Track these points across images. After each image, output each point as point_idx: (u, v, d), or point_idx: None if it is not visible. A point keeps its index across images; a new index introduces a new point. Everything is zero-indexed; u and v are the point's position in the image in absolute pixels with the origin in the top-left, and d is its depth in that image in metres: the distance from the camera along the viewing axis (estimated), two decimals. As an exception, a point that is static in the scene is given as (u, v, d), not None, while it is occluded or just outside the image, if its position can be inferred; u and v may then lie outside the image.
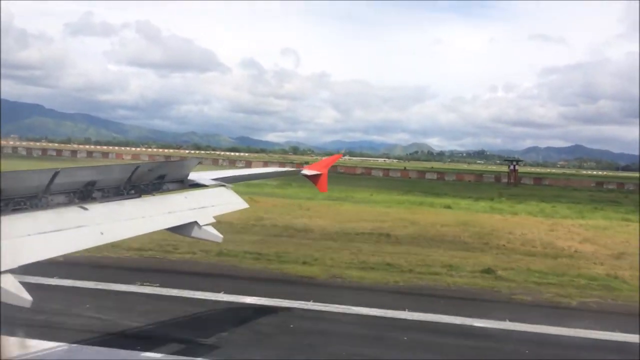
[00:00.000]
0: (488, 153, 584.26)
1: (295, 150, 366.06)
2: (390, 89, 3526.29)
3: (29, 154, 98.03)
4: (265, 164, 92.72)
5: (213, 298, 12.03)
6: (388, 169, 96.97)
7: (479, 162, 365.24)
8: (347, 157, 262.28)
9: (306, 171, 10.25)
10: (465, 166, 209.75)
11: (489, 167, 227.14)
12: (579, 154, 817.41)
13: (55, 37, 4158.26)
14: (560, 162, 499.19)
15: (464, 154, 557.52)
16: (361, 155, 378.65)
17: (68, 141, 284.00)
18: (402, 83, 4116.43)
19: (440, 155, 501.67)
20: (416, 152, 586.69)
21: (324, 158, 12.71)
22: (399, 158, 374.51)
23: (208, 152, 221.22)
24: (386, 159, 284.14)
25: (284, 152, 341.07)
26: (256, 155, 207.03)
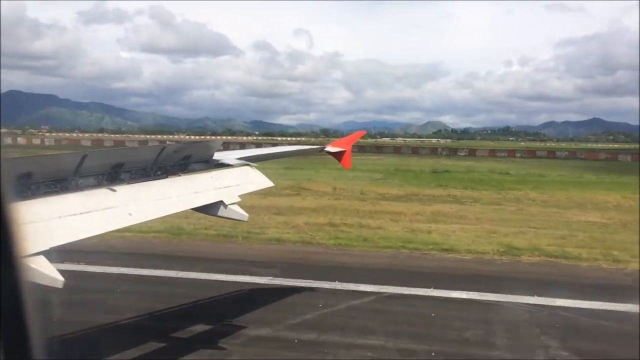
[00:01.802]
0: (513, 129, 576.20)
1: (326, 132, 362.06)
2: (403, 67, 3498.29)
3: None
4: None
5: None
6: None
7: (510, 139, 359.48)
8: (388, 139, 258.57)
9: (330, 148, 10.11)
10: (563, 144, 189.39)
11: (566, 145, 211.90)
12: (596, 127, 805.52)
13: (68, 26, 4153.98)
14: (589, 136, 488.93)
15: (489, 131, 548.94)
16: (393, 135, 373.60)
17: (101, 131, 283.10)
18: (415, 60, 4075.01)
19: (464, 134, 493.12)
20: (440, 130, 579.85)
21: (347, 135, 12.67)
22: (434, 137, 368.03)
23: (248, 137, 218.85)
24: (438, 140, 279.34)
25: (316, 135, 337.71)
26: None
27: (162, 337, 8.61)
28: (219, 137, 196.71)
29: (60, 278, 3.50)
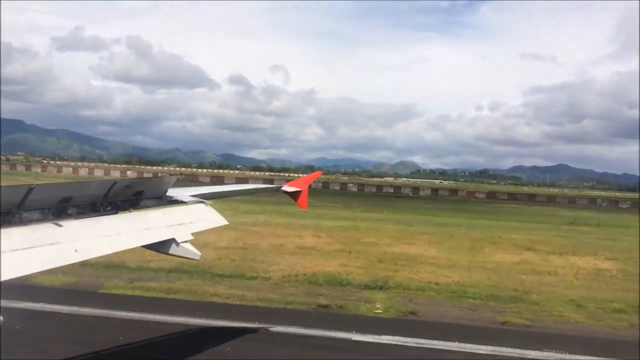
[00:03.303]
0: (491, 172, 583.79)
1: (312, 168, 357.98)
2: (377, 107, 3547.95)
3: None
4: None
5: None
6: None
7: (493, 182, 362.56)
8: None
9: (287, 188, 10.04)
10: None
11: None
12: (563, 173, 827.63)
13: (40, 51, 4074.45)
14: (563, 182, 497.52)
15: (467, 173, 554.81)
16: (384, 174, 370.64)
17: (83, 159, 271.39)
18: (388, 100, 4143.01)
19: (443, 175, 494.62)
20: (418, 170, 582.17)
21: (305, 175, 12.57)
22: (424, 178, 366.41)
23: (234, 170, 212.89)
24: (442, 181, 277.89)
25: (303, 170, 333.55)
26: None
27: None
28: (203, 170, 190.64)
29: None
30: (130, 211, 5.67)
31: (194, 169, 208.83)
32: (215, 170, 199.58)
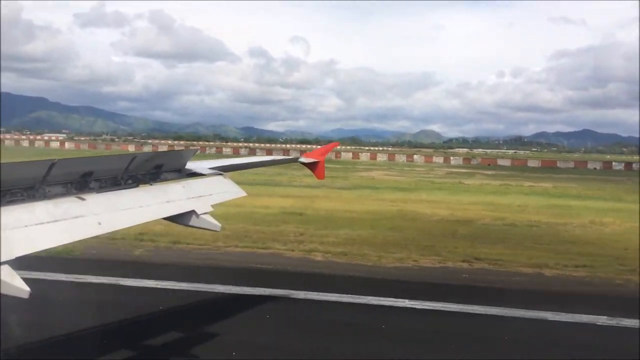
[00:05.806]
0: (525, 140, 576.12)
1: (355, 141, 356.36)
2: (396, 76, 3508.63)
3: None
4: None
5: None
6: None
7: (534, 149, 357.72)
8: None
9: (303, 159, 9.91)
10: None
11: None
12: (588, 138, 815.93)
13: (62, 28, 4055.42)
14: (599, 148, 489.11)
15: (501, 141, 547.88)
16: (418, 144, 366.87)
17: (128, 135, 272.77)
18: (407, 70, 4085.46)
19: (478, 144, 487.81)
20: (451, 139, 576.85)
21: (322, 146, 12.49)
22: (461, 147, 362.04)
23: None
24: (516, 151, 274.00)
25: (342, 141, 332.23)
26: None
27: None
28: (250, 144, 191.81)
29: (26, 288, 3.46)
30: (151, 184, 5.82)
31: (246, 143, 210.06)
32: (264, 145, 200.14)
